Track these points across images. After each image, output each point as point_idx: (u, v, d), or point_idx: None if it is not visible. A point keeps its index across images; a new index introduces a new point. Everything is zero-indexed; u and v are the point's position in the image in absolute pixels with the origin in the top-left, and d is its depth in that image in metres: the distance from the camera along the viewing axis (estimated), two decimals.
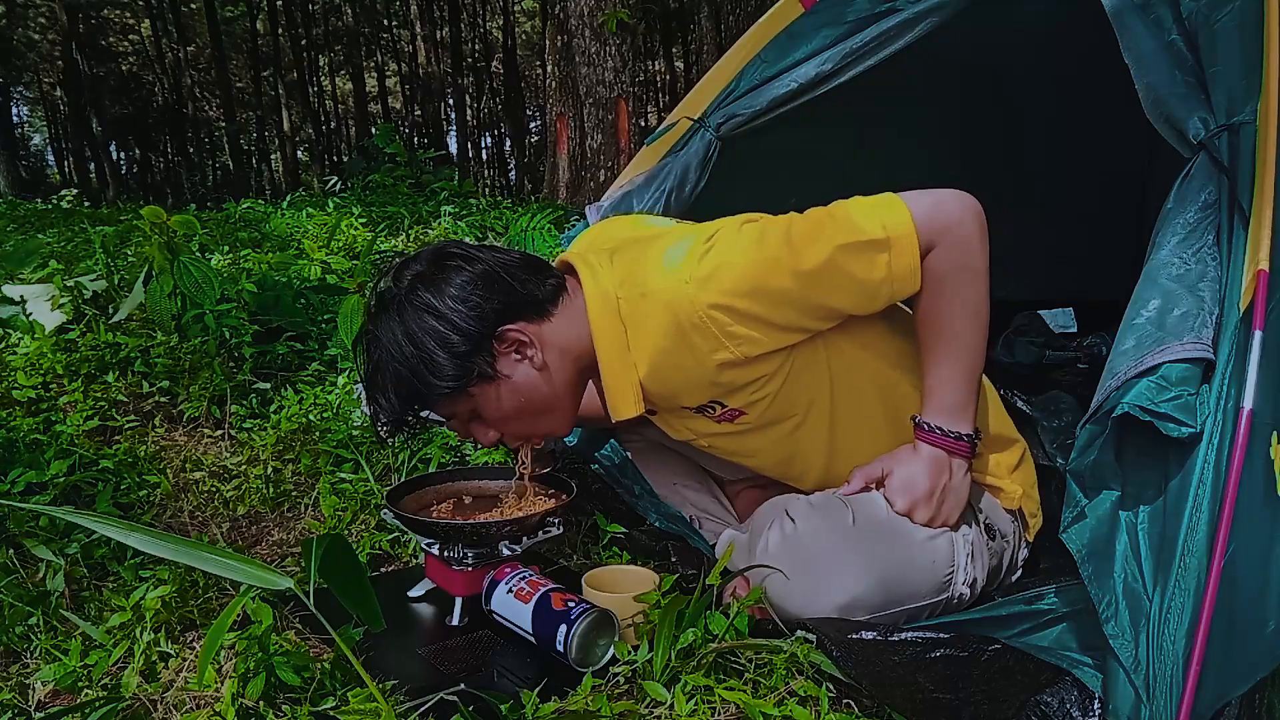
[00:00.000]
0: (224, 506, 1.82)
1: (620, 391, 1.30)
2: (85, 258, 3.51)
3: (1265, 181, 1.03)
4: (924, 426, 1.24)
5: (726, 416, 1.34)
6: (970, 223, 1.19)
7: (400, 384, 1.25)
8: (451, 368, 1.23)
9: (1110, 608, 1.00)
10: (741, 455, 1.45)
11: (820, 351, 1.29)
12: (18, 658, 1.25)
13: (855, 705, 1.11)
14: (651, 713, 1.08)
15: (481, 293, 1.25)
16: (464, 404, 1.29)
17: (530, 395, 1.30)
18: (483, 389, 1.27)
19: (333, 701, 1.09)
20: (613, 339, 1.28)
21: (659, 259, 1.24)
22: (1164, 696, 0.94)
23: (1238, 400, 0.96)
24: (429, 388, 1.25)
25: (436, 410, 1.32)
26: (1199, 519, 0.96)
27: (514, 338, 1.27)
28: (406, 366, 1.24)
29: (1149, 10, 1.20)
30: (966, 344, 1.22)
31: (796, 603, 1.20)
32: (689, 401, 1.33)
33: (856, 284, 1.19)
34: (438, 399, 1.27)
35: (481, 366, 1.25)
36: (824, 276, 1.18)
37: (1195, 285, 1.04)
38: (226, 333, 2.42)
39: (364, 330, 1.31)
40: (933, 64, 2.04)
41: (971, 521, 1.30)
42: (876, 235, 1.17)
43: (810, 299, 1.19)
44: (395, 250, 4.46)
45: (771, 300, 1.18)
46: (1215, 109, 1.11)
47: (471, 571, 1.35)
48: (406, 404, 1.28)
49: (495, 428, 1.34)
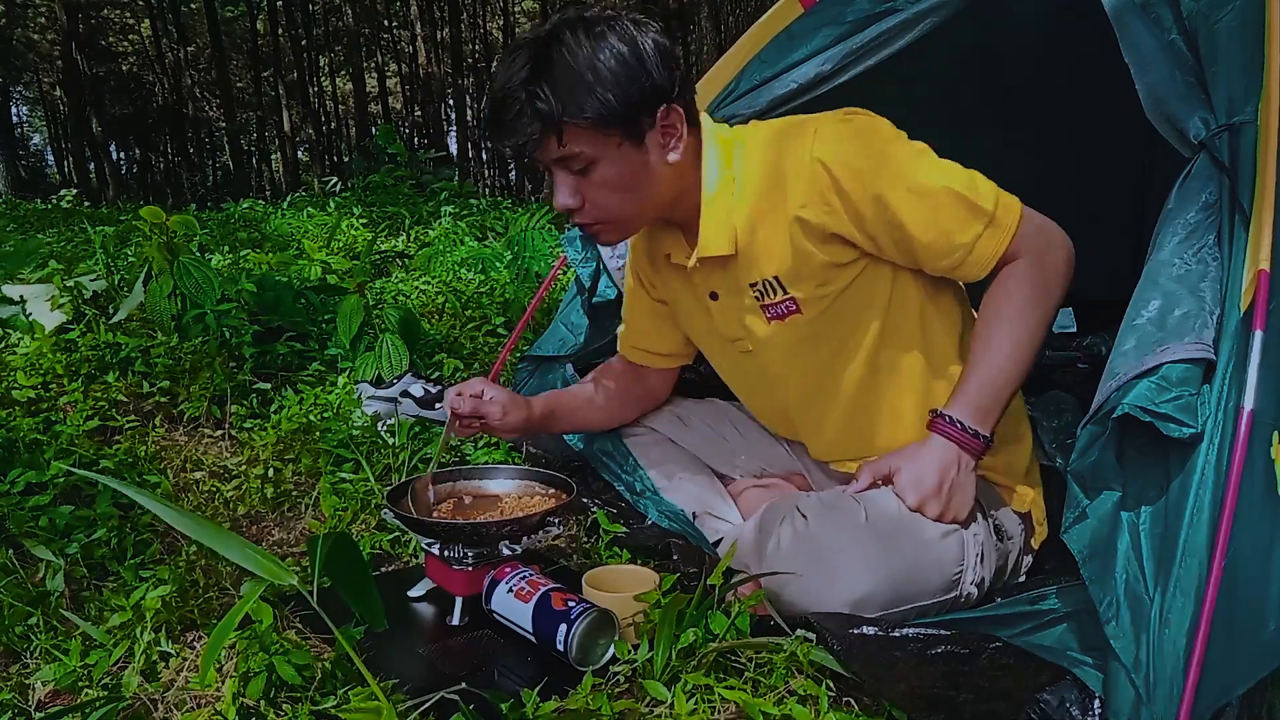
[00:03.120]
0: (224, 506, 1.82)
1: (718, 228, 1.33)
2: (85, 258, 3.51)
3: (1266, 181, 1.03)
4: (945, 418, 1.25)
5: (781, 311, 1.35)
6: (1062, 257, 1.25)
7: (563, 84, 1.19)
8: (620, 99, 1.20)
9: (1111, 608, 1.00)
10: (774, 379, 1.45)
11: (884, 285, 1.33)
12: (18, 658, 1.25)
13: (855, 704, 1.11)
14: (652, 712, 1.08)
15: (675, 62, 1.26)
16: (591, 145, 1.24)
17: (645, 183, 1.29)
18: (621, 144, 1.24)
19: (334, 700, 1.09)
20: (722, 178, 1.32)
21: (788, 119, 1.32)
22: (1164, 696, 0.94)
23: (1238, 400, 0.96)
24: (586, 101, 1.19)
25: (565, 137, 1.23)
26: (1200, 519, 0.96)
27: (674, 120, 1.27)
28: (581, 71, 1.19)
29: (1149, 10, 1.20)
30: (1011, 355, 1.24)
31: (809, 599, 1.20)
32: (762, 267, 1.33)
33: (941, 231, 1.23)
34: (587, 118, 1.21)
35: (642, 121, 1.24)
36: (921, 202, 1.22)
37: (1196, 285, 1.04)
38: (227, 333, 2.42)
39: (536, 31, 1.26)
40: (932, 64, 2.04)
41: (982, 520, 1.30)
42: (986, 206, 1.23)
43: (897, 215, 1.23)
44: (395, 250, 4.47)
45: (868, 193, 1.22)
46: (1216, 109, 1.10)
47: (471, 571, 1.35)
48: (553, 111, 1.20)
49: (583, 192, 1.29)
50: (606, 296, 1.96)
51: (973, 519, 1.28)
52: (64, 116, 26.58)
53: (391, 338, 2.46)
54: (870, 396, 1.40)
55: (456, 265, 3.99)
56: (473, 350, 2.84)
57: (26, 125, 33.46)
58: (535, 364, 2.11)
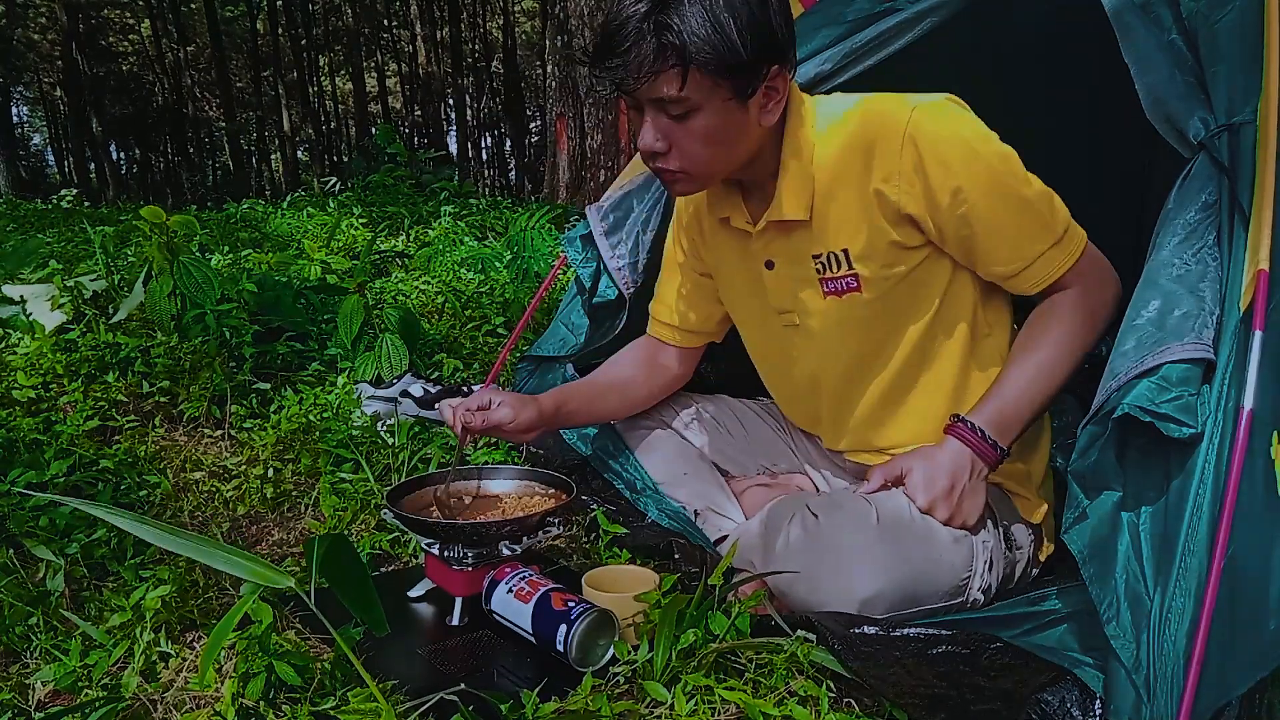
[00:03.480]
0: (224, 506, 1.82)
1: (796, 192, 1.32)
2: (85, 258, 3.51)
3: (1265, 181, 1.02)
4: (966, 424, 1.25)
5: (841, 287, 1.34)
6: (1111, 294, 1.28)
7: (694, 24, 1.15)
8: (747, 50, 1.17)
9: (1112, 609, 1.00)
10: (816, 356, 1.43)
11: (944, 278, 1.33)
12: (18, 658, 1.25)
13: (856, 704, 1.11)
14: (651, 713, 1.08)
15: (791, 21, 1.23)
16: (700, 93, 1.19)
17: (738, 140, 1.26)
18: (729, 98, 1.21)
19: (333, 701, 1.09)
20: (805, 143, 1.31)
21: (883, 94, 1.31)
22: (1165, 696, 0.94)
23: (1238, 400, 0.96)
24: (715, 46, 1.15)
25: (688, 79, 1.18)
26: (1200, 519, 0.96)
27: (779, 83, 1.25)
28: (716, 15, 1.15)
29: (1149, 10, 1.20)
30: (1044, 378, 1.25)
31: (818, 597, 1.20)
32: (831, 239, 1.32)
33: (1007, 238, 1.25)
34: (712, 64, 1.17)
35: (755, 77, 1.21)
36: (997, 204, 1.23)
37: (1196, 286, 1.04)
38: (226, 333, 2.42)
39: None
40: (932, 64, 2.04)
41: (992, 529, 1.30)
42: (1057, 226, 1.24)
43: (970, 211, 1.23)
44: (395, 250, 4.46)
45: (950, 183, 1.22)
46: (1215, 109, 1.10)
47: (471, 571, 1.35)
48: (683, 50, 1.16)
49: (672, 138, 1.25)
50: (606, 296, 1.95)
51: (983, 525, 1.28)
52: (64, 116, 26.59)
53: (391, 338, 2.46)
54: (904, 389, 1.39)
55: (456, 265, 3.99)
56: (472, 350, 2.84)
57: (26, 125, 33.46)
58: (535, 364, 2.11)
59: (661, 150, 1.26)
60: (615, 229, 1.96)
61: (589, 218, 2.00)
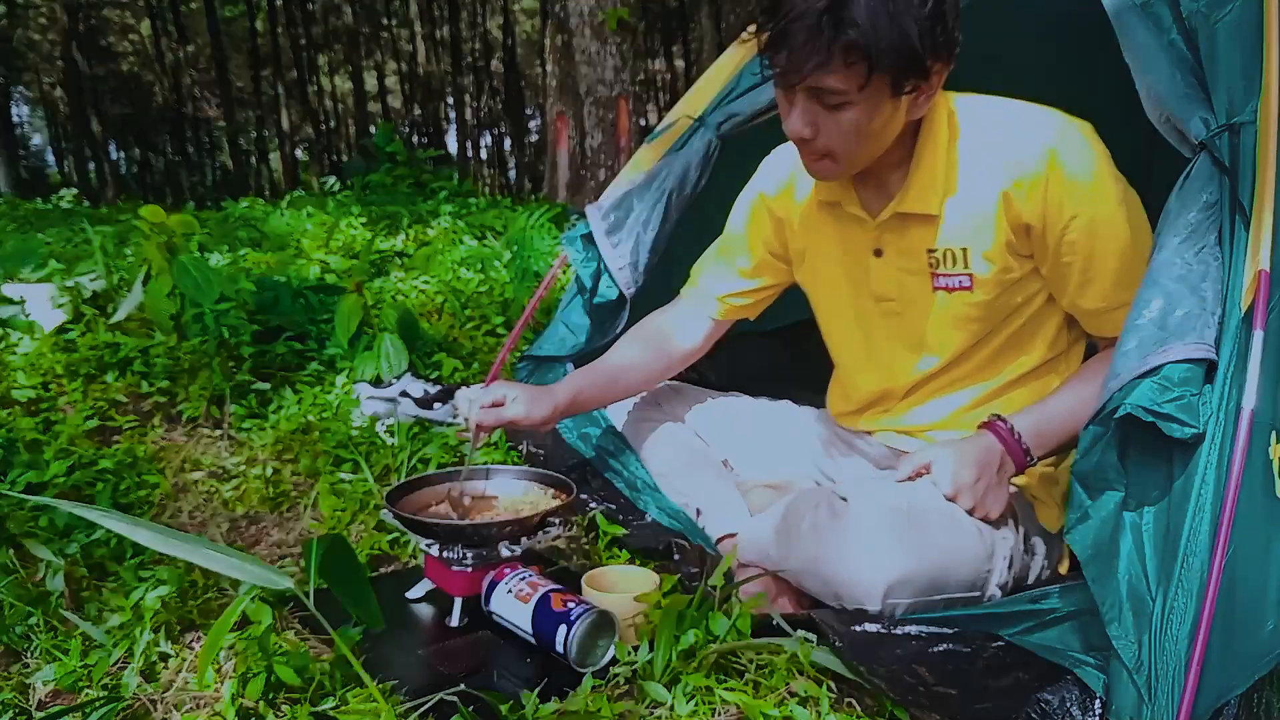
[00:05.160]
0: (223, 507, 1.82)
1: (928, 187, 1.31)
2: (85, 258, 3.50)
3: (1265, 181, 1.02)
4: (1005, 423, 1.27)
5: (953, 284, 1.34)
6: None
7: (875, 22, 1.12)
8: (923, 52, 1.15)
9: (1114, 609, 1.00)
10: (909, 346, 1.42)
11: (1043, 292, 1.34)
12: (18, 658, 1.25)
13: (856, 704, 1.11)
14: (651, 714, 1.08)
15: (958, 15, 1.21)
16: (863, 88, 1.17)
17: (888, 133, 1.26)
18: (889, 95, 1.19)
19: (332, 702, 1.09)
20: (943, 138, 1.31)
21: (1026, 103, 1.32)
22: (1165, 696, 0.94)
23: (1239, 400, 0.96)
24: (893, 47, 1.14)
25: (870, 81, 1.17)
26: (1202, 519, 0.96)
27: (935, 80, 1.22)
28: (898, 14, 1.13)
29: (1149, 10, 1.20)
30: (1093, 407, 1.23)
31: (844, 578, 1.20)
32: (954, 235, 1.31)
33: (1102, 277, 1.25)
34: (887, 65, 1.15)
35: (913, 74, 1.18)
36: (1102, 244, 1.24)
37: (1197, 286, 1.04)
38: (226, 332, 2.42)
39: None
40: None
41: (1013, 529, 1.30)
42: None
43: (1076, 241, 1.24)
44: (394, 249, 4.46)
45: (1068, 208, 1.23)
46: (1216, 109, 1.10)
47: (471, 572, 1.34)
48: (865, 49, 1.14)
49: (821, 125, 1.24)
50: (607, 296, 1.95)
51: (1004, 523, 1.29)
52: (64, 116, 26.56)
53: (390, 337, 2.46)
54: (968, 390, 1.41)
55: (456, 265, 3.98)
56: (472, 350, 2.84)
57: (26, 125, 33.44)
58: (534, 364, 2.11)
59: (810, 137, 1.25)
60: (616, 228, 1.96)
61: (590, 217, 2.00)
